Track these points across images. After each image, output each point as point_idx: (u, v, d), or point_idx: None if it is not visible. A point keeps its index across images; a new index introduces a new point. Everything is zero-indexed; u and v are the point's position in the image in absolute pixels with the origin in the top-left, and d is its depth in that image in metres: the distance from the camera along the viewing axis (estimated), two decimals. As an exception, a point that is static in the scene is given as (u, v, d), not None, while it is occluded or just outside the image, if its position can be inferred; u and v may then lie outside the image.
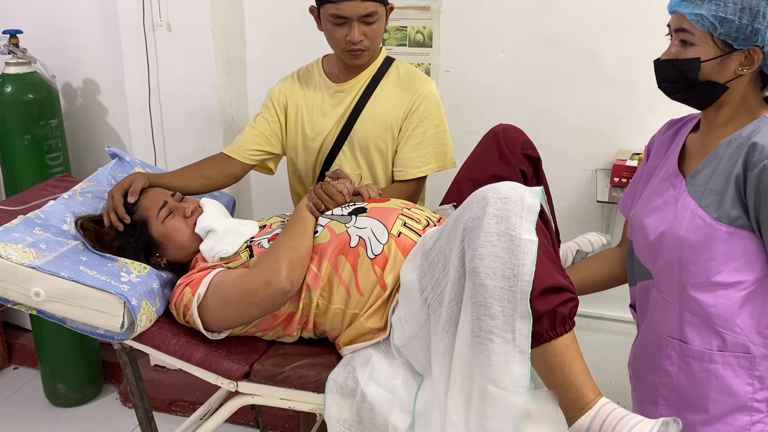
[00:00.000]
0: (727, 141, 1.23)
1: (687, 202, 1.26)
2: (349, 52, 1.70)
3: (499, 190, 1.16)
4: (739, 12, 1.14)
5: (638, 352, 1.45)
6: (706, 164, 1.25)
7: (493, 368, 1.11)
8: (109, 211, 1.57)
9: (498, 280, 1.11)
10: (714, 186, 1.22)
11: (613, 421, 1.10)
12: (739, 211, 1.19)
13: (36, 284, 1.34)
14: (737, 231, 1.20)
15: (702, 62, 1.20)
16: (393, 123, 1.79)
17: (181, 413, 2.57)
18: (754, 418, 1.26)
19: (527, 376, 1.10)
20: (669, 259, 1.29)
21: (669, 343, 1.32)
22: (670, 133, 1.43)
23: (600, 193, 2.06)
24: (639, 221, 1.37)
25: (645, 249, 1.36)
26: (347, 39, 1.66)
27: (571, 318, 1.18)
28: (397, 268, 1.39)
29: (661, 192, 1.33)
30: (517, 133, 1.61)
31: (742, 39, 1.16)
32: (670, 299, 1.31)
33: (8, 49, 2.33)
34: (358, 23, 1.64)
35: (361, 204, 1.51)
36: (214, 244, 1.49)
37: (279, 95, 1.86)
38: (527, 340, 1.11)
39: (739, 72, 1.19)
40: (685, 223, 1.24)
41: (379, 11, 1.66)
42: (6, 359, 2.95)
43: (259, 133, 1.85)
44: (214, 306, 1.39)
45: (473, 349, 1.14)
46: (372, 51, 1.73)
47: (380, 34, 1.72)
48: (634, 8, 2.07)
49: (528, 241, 1.11)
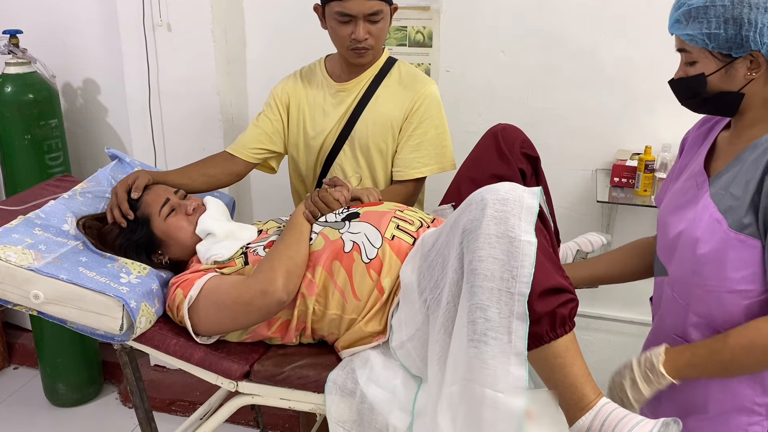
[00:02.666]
0: (753, 145, 1.22)
1: (707, 203, 1.25)
2: (354, 50, 1.70)
3: (497, 192, 1.15)
4: (724, 25, 1.14)
5: (647, 348, 1.44)
6: (731, 167, 1.24)
7: (489, 371, 1.10)
8: (113, 207, 1.57)
9: (496, 281, 1.11)
10: (734, 191, 1.21)
11: (613, 421, 1.10)
12: (751, 218, 1.18)
13: (35, 286, 1.34)
14: (747, 239, 1.19)
15: (707, 77, 1.20)
16: (394, 123, 1.79)
17: (181, 413, 2.57)
18: (753, 419, 1.25)
19: (525, 378, 1.10)
20: (683, 259, 1.28)
21: (674, 342, 1.32)
22: (704, 129, 1.42)
23: (600, 193, 2.06)
24: (663, 218, 1.36)
25: (664, 245, 1.35)
26: (352, 37, 1.67)
27: (571, 319, 1.17)
28: (393, 271, 1.39)
29: (686, 190, 1.32)
30: (516, 133, 1.61)
31: (737, 48, 1.16)
32: (680, 298, 1.31)
33: (8, 49, 2.33)
34: (364, 21, 1.65)
35: (354, 209, 1.51)
36: (210, 247, 1.49)
37: (282, 94, 1.87)
38: (524, 342, 1.10)
39: (750, 77, 1.19)
40: (703, 225, 1.24)
41: (384, 10, 1.66)
42: (6, 359, 2.95)
43: (261, 131, 1.85)
44: (206, 310, 1.39)
45: (468, 353, 1.13)
46: (376, 50, 1.74)
47: (384, 33, 1.73)
48: (634, 8, 2.07)
49: (527, 243, 1.11)
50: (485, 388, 1.11)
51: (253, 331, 1.45)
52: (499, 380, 1.10)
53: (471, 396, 1.13)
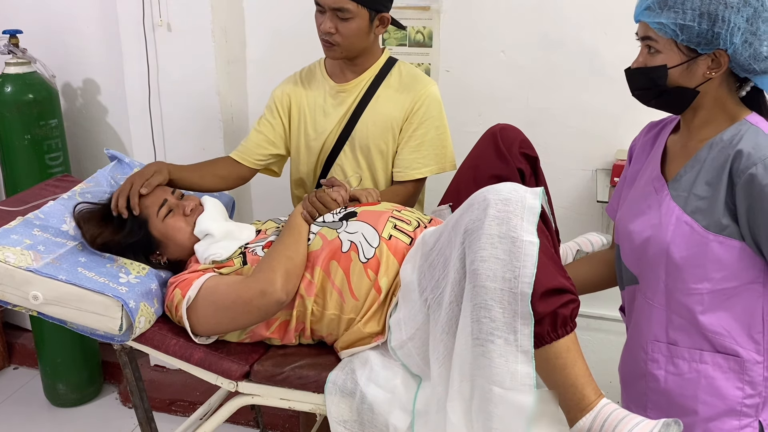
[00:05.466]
0: (709, 144, 1.23)
1: (671, 207, 1.26)
2: (323, 41, 1.72)
3: (500, 192, 1.15)
4: (698, 18, 1.15)
5: (625, 358, 1.45)
6: (689, 168, 1.25)
7: (496, 369, 1.11)
8: (121, 194, 1.54)
9: (499, 282, 1.11)
10: (699, 192, 1.22)
11: (613, 421, 1.10)
12: (729, 220, 1.19)
13: (34, 287, 1.34)
14: (727, 240, 1.20)
15: (669, 69, 1.20)
16: (394, 124, 1.79)
17: (181, 413, 2.57)
18: (743, 422, 1.25)
19: (533, 375, 1.10)
20: (655, 265, 1.28)
21: (656, 347, 1.32)
22: (651, 135, 1.44)
23: (600, 193, 2.06)
24: (624, 226, 1.36)
25: (631, 254, 1.35)
26: (320, 27, 1.69)
27: (573, 319, 1.18)
28: (391, 271, 1.39)
29: (645, 196, 1.33)
30: (515, 132, 1.61)
31: (705, 44, 1.16)
32: (656, 304, 1.31)
33: (8, 49, 2.33)
34: (332, 15, 1.66)
35: (352, 208, 1.51)
36: (209, 246, 1.49)
37: (282, 97, 1.87)
38: (530, 340, 1.10)
39: (708, 76, 1.20)
40: (672, 229, 1.24)
41: (354, 10, 1.64)
42: (6, 359, 2.95)
43: (264, 137, 1.86)
44: (204, 310, 1.39)
45: (473, 352, 1.14)
46: (345, 49, 1.72)
47: (355, 34, 1.69)
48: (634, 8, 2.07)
49: (529, 243, 1.11)
50: (493, 386, 1.11)
51: (252, 332, 1.45)
52: (506, 378, 1.10)
53: (480, 393, 1.13)
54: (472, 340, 1.13)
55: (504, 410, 1.11)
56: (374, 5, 1.68)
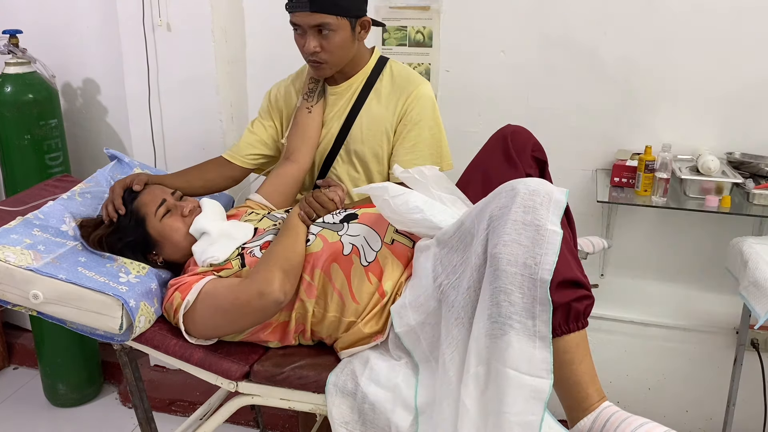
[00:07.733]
0: None
1: None
2: (310, 62, 1.69)
3: (528, 184, 1.18)
4: None
5: None
6: None
7: (513, 353, 1.11)
8: (108, 203, 1.57)
9: (519, 267, 1.11)
10: None
11: (614, 423, 1.10)
12: None
13: (34, 286, 1.34)
14: None
15: None
16: (387, 126, 1.78)
17: (181, 413, 2.56)
18: None
19: (550, 360, 1.10)
20: None
21: None
22: None
23: (600, 193, 2.06)
24: None
25: None
26: (303, 49, 1.66)
27: (585, 317, 1.18)
28: (395, 274, 1.39)
29: None
30: (527, 136, 1.60)
31: None
32: None
33: (8, 49, 2.33)
34: (313, 34, 1.62)
35: (352, 210, 1.51)
36: (206, 248, 1.49)
37: (274, 100, 1.88)
38: (548, 326, 1.11)
39: None
40: None
41: (334, 23, 1.61)
42: (6, 359, 2.95)
43: (257, 138, 1.86)
44: (202, 314, 1.38)
45: (491, 335, 1.13)
46: (332, 64, 1.69)
47: (341, 47, 1.66)
48: (634, 8, 2.07)
49: (553, 232, 1.12)
50: (509, 369, 1.11)
51: (250, 334, 1.45)
52: (523, 362, 1.10)
53: (495, 376, 1.13)
54: (491, 323, 1.13)
55: (518, 394, 1.10)
56: (353, 12, 1.64)
